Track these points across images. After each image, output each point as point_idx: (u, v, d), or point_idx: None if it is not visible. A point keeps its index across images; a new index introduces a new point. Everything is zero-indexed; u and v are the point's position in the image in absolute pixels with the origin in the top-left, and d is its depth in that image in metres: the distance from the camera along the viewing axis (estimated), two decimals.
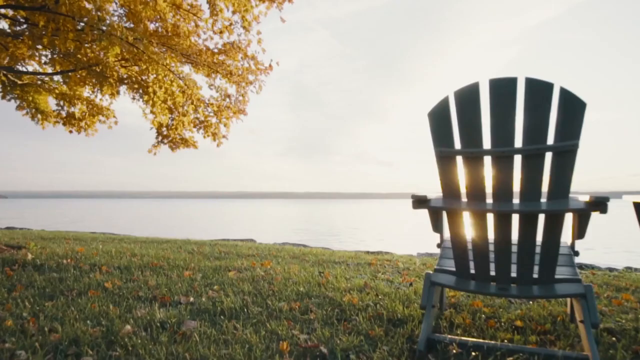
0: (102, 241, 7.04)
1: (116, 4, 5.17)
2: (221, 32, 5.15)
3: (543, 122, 1.74)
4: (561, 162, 1.76)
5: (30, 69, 6.98)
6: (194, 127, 7.11)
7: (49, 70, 6.81)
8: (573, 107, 1.70)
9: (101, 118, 8.08)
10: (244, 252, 5.52)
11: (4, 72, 6.41)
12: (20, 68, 6.45)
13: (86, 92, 7.73)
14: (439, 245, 2.55)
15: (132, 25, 5.51)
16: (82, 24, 4.46)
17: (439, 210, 2.36)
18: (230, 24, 4.99)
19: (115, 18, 5.33)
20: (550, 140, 1.75)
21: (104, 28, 4.35)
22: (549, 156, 1.77)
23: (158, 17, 5.59)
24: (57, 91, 7.59)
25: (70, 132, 8.22)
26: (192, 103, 5.67)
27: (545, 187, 1.83)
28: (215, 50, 6.26)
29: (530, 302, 2.77)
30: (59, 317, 2.19)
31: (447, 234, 2.30)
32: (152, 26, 6.06)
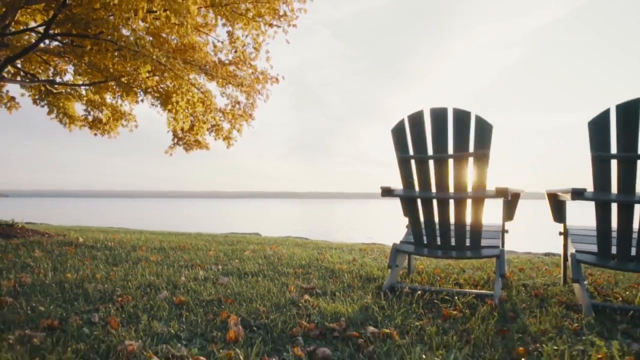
0: (125, 233, 7.91)
1: (147, 28, 6.03)
2: (236, 52, 6.01)
3: (465, 137, 2.60)
4: (479, 165, 2.62)
5: (63, 79, 7.87)
6: (206, 130, 7.98)
7: (81, 81, 7.69)
8: (483, 128, 2.56)
9: (123, 122, 8.97)
10: (254, 241, 6.39)
11: (43, 83, 7.31)
12: (57, 80, 7.34)
13: (108, 98, 8.62)
14: (407, 227, 3.42)
15: (151, 39, 6.36)
16: (121, 45, 5.29)
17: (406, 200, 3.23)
18: (243, 45, 5.86)
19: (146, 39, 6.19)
20: (471, 149, 2.61)
21: (139, 50, 5.20)
22: (471, 161, 2.63)
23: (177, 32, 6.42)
24: (85, 98, 8.48)
25: (95, 134, 9.12)
26: (210, 112, 6.53)
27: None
28: (227, 62, 7.12)
29: (478, 271, 3.63)
30: (130, 274, 3.06)
31: None
32: (166, 36, 6.89)
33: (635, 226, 2.43)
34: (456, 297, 2.54)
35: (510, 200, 3.25)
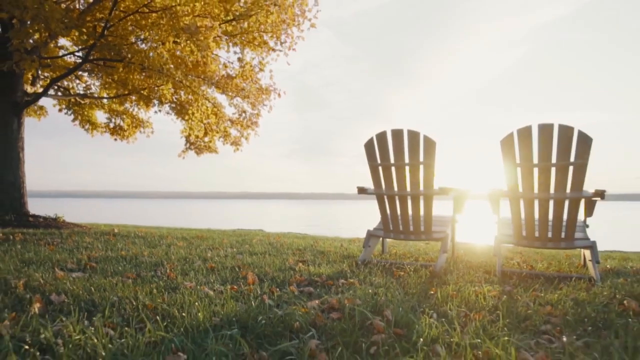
0: (145, 228, 8.89)
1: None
2: (244, 72, 7.00)
3: (416, 149, 3.57)
4: (426, 170, 3.59)
5: (90, 92, 8.87)
6: (218, 137, 8.96)
7: (106, 94, 8.69)
8: (428, 143, 3.53)
9: (141, 129, 9.97)
10: (259, 234, 7.37)
11: (74, 97, 8.31)
12: (88, 93, 8.34)
13: (126, 107, 9.61)
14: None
15: (165, 56, 7.32)
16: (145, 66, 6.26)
17: (376, 197, 4.19)
18: (251, 67, 6.85)
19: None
20: (421, 159, 3.58)
21: (163, 71, 6.18)
22: (422, 168, 3.60)
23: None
24: (107, 107, 9.49)
25: (115, 139, 10.12)
26: (222, 123, 7.51)
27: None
28: (234, 75, 8.09)
29: (438, 253, 4.59)
30: (168, 252, 4.04)
31: None
32: (178, 52, 7.84)
33: (536, 216, 3.40)
34: (407, 266, 3.51)
35: (458, 197, 4.22)
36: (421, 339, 1.62)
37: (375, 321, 1.79)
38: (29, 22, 5.32)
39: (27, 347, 1.43)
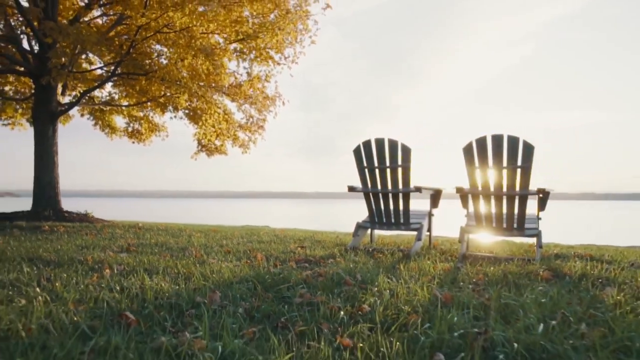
0: (163, 224, 9.70)
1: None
2: (252, 83, 7.79)
3: (395, 155, 4.33)
4: (404, 172, 4.36)
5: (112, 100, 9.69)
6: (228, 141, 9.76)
7: (126, 102, 9.51)
8: (405, 150, 4.29)
9: (157, 133, 10.79)
10: (265, 229, 8.16)
11: (98, 104, 9.15)
12: (108, 101, 9.18)
13: (142, 112, 10.42)
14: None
15: (183, 70, 8.12)
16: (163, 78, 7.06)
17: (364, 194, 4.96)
18: (258, 78, 7.65)
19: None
20: (399, 162, 4.34)
21: (180, 83, 6.97)
22: (400, 170, 4.36)
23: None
24: (126, 113, 10.31)
25: (133, 142, 10.95)
26: (233, 129, 8.32)
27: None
28: (242, 83, 8.88)
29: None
30: (190, 241, 4.84)
31: None
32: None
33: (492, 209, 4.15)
34: (386, 251, 4.28)
35: (434, 194, 4.97)
36: (376, 288, 2.39)
37: (347, 278, 2.57)
38: (64, 43, 6.13)
39: (119, 287, 2.22)
